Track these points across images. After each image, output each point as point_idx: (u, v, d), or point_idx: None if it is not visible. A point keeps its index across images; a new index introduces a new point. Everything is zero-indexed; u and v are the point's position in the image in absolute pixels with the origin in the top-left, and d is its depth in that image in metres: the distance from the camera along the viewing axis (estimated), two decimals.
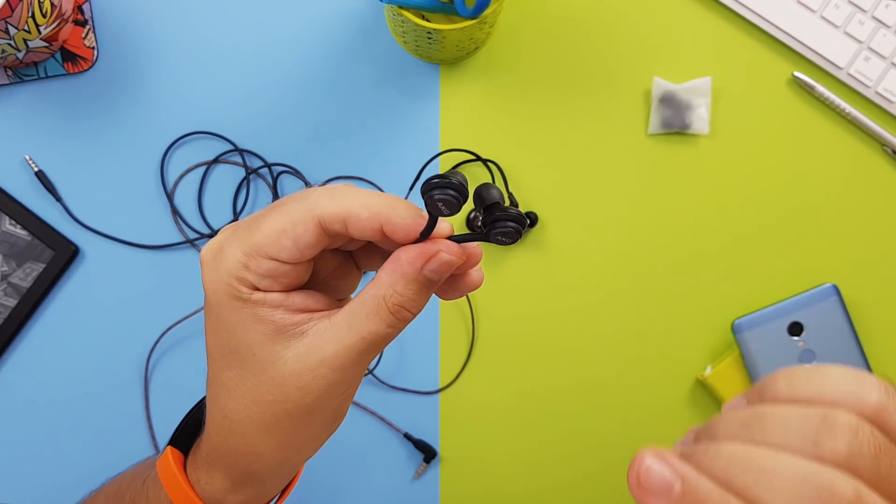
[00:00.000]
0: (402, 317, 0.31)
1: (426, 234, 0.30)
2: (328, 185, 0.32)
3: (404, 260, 0.30)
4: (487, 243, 0.31)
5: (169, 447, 0.36)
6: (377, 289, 0.31)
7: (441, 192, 0.28)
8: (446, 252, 0.30)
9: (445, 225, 0.31)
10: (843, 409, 0.23)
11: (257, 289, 0.31)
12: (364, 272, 0.36)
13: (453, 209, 0.28)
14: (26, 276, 0.59)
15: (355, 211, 0.30)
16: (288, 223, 0.30)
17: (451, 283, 0.33)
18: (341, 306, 0.32)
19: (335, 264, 0.35)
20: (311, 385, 0.31)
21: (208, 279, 0.31)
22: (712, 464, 0.23)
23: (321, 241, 0.30)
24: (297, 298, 0.31)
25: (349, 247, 0.35)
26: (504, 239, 0.29)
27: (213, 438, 0.34)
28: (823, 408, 0.23)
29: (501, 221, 0.29)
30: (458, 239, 0.31)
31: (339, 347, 0.30)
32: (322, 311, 0.32)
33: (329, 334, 0.31)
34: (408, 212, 0.30)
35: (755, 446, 0.23)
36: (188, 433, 0.37)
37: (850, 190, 0.63)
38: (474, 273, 0.33)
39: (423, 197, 0.29)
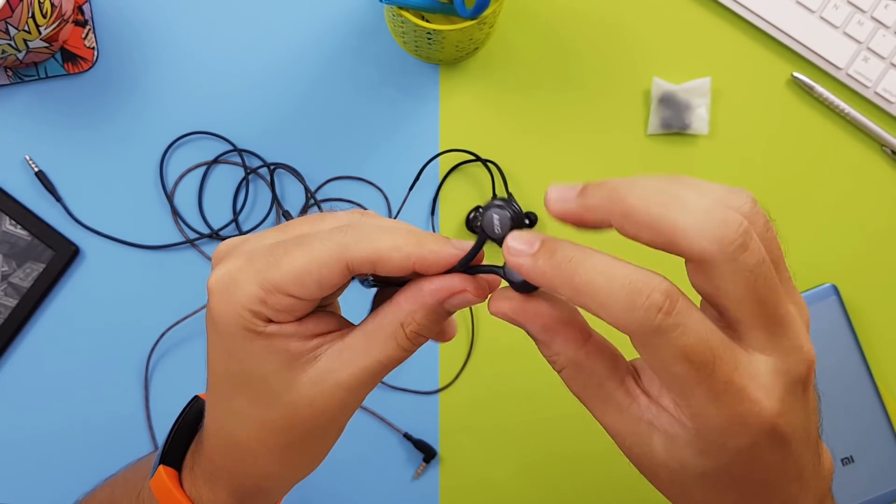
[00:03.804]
0: (417, 342, 0.31)
1: (471, 256, 0.30)
2: (352, 217, 0.31)
3: (427, 291, 0.30)
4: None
5: (162, 466, 0.35)
6: (396, 314, 0.30)
7: (498, 211, 0.28)
8: (472, 293, 0.30)
9: (467, 245, 0.30)
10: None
11: (272, 321, 0.30)
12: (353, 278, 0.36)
13: (505, 230, 0.28)
14: (26, 276, 0.60)
15: (385, 254, 0.29)
16: (313, 265, 0.29)
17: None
18: (344, 322, 0.32)
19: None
20: (326, 407, 0.31)
21: (220, 309, 0.30)
22: (634, 186, 0.26)
23: (344, 280, 0.30)
24: (310, 324, 0.31)
25: None
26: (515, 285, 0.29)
27: (216, 459, 0.34)
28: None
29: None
30: (474, 270, 0.30)
31: (355, 370, 0.30)
32: (333, 332, 0.31)
33: (345, 357, 0.30)
34: (439, 247, 0.29)
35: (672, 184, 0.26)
36: (177, 446, 0.37)
37: (850, 190, 0.64)
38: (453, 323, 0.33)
39: (481, 213, 0.29)
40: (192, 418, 0.37)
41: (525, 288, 0.29)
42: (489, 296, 0.30)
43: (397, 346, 0.30)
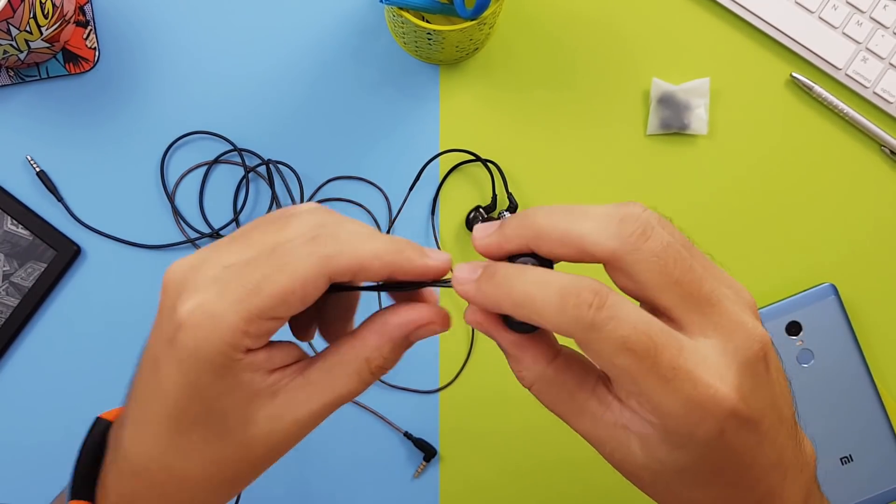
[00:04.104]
0: (380, 375, 0.31)
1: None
2: (317, 219, 0.30)
3: (394, 325, 0.30)
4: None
5: (73, 502, 0.33)
6: (361, 350, 0.30)
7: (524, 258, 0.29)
8: (438, 325, 0.31)
9: (445, 257, 0.30)
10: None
11: (249, 350, 0.29)
12: None
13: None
14: (28, 275, 0.60)
15: (367, 263, 0.29)
16: (297, 284, 0.28)
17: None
18: (301, 353, 0.31)
19: None
20: (280, 443, 0.30)
21: (193, 346, 0.28)
22: (541, 210, 0.28)
23: (324, 290, 0.29)
24: (277, 356, 0.30)
25: None
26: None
27: (139, 491, 0.32)
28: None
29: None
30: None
31: (315, 406, 0.30)
32: (292, 364, 0.31)
33: (305, 393, 0.30)
34: (418, 257, 0.29)
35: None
36: (87, 474, 0.34)
37: (849, 190, 0.64)
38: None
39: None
40: (98, 442, 0.34)
41: (523, 328, 0.29)
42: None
43: (360, 380, 0.30)
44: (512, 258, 0.29)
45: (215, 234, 0.61)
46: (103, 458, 0.33)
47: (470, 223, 0.61)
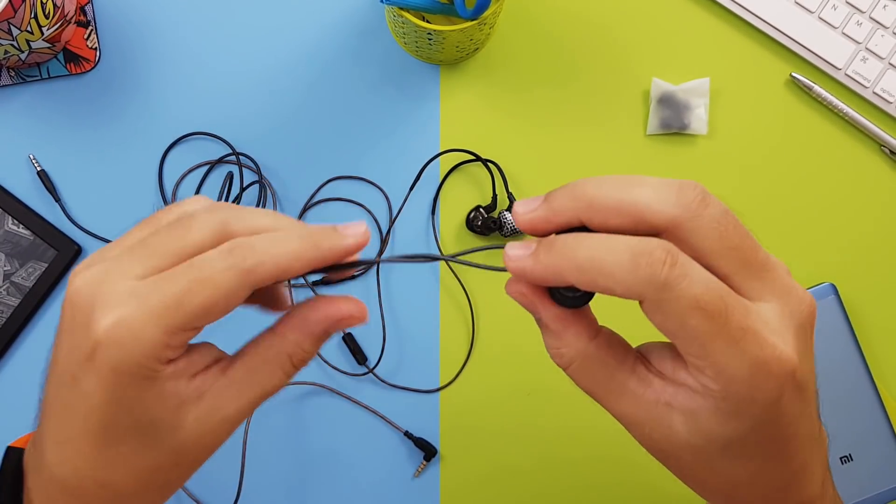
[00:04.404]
0: (301, 368, 0.31)
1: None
2: (214, 218, 0.29)
3: (313, 321, 0.30)
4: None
5: None
6: (282, 346, 0.30)
7: (571, 292, 0.29)
8: (357, 319, 0.30)
9: (360, 228, 0.30)
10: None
11: (170, 360, 0.29)
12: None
13: (584, 299, 0.29)
14: (29, 275, 0.60)
15: (287, 267, 0.28)
16: (219, 296, 0.28)
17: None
18: (218, 352, 0.31)
19: None
20: (212, 442, 0.31)
21: (116, 362, 0.27)
22: (591, 181, 0.28)
23: (246, 297, 0.29)
24: (197, 359, 0.30)
25: None
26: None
27: (65, 500, 0.31)
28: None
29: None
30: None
31: (241, 403, 0.30)
32: (212, 365, 0.31)
33: (230, 392, 0.30)
34: (335, 243, 0.29)
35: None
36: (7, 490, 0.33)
37: (848, 190, 0.64)
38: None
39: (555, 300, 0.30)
40: (15, 471, 0.33)
41: (572, 302, 0.29)
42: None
43: (283, 375, 0.31)
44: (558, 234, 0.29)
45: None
46: (23, 486, 0.32)
47: (470, 223, 0.61)
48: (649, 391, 0.29)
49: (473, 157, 0.62)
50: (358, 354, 0.61)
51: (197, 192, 0.62)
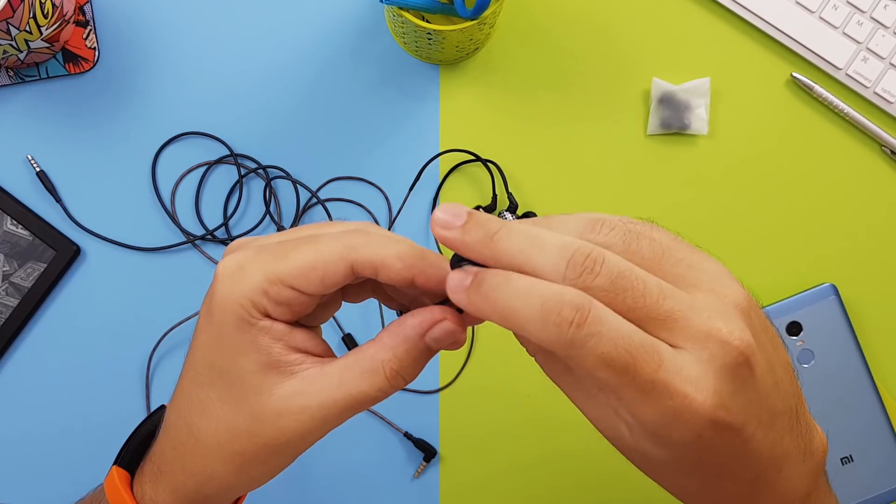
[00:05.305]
0: (395, 383, 0.31)
1: None
2: (360, 224, 0.32)
3: (409, 324, 0.31)
4: None
5: (114, 467, 0.35)
6: (377, 351, 0.31)
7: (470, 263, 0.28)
8: (451, 321, 0.30)
9: (463, 283, 0.30)
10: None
11: (268, 315, 0.30)
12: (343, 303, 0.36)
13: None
14: (28, 276, 0.60)
15: (389, 261, 0.30)
16: (320, 261, 0.30)
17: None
18: (329, 351, 0.32)
19: (330, 295, 0.35)
20: (289, 428, 0.31)
21: (221, 294, 0.31)
22: (501, 231, 0.28)
23: (347, 281, 0.30)
24: (299, 336, 0.31)
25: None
26: None
27: (167, 453, 0.34)
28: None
29: None
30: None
31: (325, 399, 0.30)
32: (318, 355, 0.32)
33: (318, 384, 0.31)
34: (440, 264, 0.30)
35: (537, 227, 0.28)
36: (135, 450, 0.37)
37: (849, 190, 0.64)
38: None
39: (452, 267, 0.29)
40: (153, 426, 0.36)
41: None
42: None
43: (374, 384, 0.30)
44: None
45: (210, 237, 0.61)
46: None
47: None
48: (601, 395, 0.29)
49: (473, 158, 0.62)
50: None
51: (196, 192, 0.62)
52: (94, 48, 0.61)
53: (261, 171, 0.62)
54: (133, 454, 0.36)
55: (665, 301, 0.27)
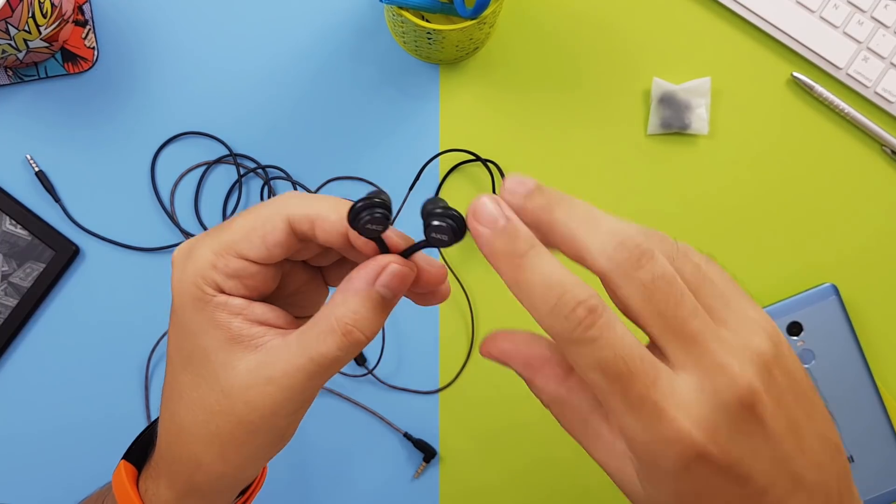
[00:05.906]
0: (353, 339, 0.30)
1: (414, 251, 0.31)
2: (298, 192, 0.34)
3: (356, 277, 0.30)
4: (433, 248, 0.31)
5: (122, 461, 0.36)
6: (330, 308, 0.30)
7: (368, 213, 0.28)
8: (396, 263, 0.30)
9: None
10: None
11: (222, 290, 0.31)
12: (331, 289, 0.36)
13: (381, 223, 0.29)
14: (27, 275, 0.60)
15: (324, 213, 0.30)
16: (258, 221, 0.31)
17: (421, 297, 0.33)
18: (293, 322, 0.32)
19: (304, 279, 0.35)
20: (258, 402, 0.30)
21: (176, 279, 0.31)
22: (564, 201, 0.28)
23: (289, 241, 0.31)
24: (258, 309, 0.31)
25: (319, 262, 0.35)
26: (439, 237, 0.29)
27: (161, 445, 0.34)
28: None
29: (433, 219, 0.28)
30: (406, 252, 0.31)
31: (288, 367, 0.30)
32: (280, 327, 0.32)
33: (280, 353, 0.30)
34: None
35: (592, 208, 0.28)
36: (145, 446, 0.37)
37: (850, 190, 0.64)
38: (442, 288, 0.33)
39: (351, 225, 0.29)
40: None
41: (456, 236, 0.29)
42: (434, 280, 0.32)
43: (332, 342, 0.30)
44: None
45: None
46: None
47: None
48: (619, 442, 0.28)
49: (473, 157, 0.62)
50: (357, 355, 0.61)
51: (196, 191, 0.62)
52: (93, 48, 0.61)
53: (260, 170, 0.61)
54: (143, 449, 0.37)
55: (694, 321, 0.26)
